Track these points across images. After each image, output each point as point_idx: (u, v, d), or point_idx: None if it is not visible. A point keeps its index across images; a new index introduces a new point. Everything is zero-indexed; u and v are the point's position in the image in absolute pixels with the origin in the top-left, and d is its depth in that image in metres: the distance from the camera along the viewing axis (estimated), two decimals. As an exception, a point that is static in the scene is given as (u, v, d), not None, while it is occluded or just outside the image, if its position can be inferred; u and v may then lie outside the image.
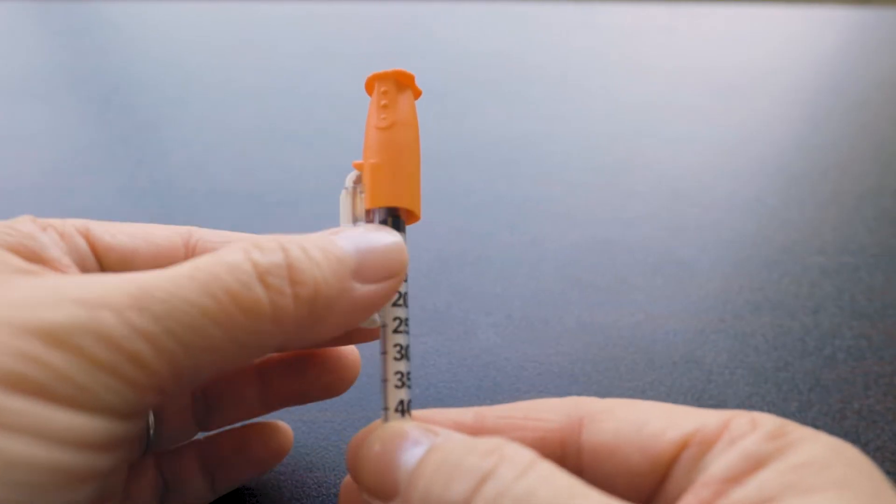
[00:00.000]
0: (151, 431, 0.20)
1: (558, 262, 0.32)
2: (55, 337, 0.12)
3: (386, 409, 0.17)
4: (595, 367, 0.27)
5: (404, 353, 0.17)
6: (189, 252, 0.18)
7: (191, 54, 0.54)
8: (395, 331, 0.17)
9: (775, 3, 0.61)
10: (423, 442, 0.15)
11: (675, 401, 0.26)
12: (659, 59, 0.52)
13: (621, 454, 0.15)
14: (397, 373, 0.17)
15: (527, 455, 0.14)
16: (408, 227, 0.18)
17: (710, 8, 0.61)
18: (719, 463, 0.13)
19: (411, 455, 0.15)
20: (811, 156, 0.41)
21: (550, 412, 0.17)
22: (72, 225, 0.17)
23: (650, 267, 0.32)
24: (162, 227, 0.19)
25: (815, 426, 0.24)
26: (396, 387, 0.17)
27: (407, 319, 0.18)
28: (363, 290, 0.15)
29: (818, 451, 0.13)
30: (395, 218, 0.18)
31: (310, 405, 0.25)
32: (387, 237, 0.16)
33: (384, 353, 0.17)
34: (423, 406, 0.25)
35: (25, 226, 0.16)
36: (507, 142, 0.42)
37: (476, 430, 0.17)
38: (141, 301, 0.13)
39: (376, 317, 0.17)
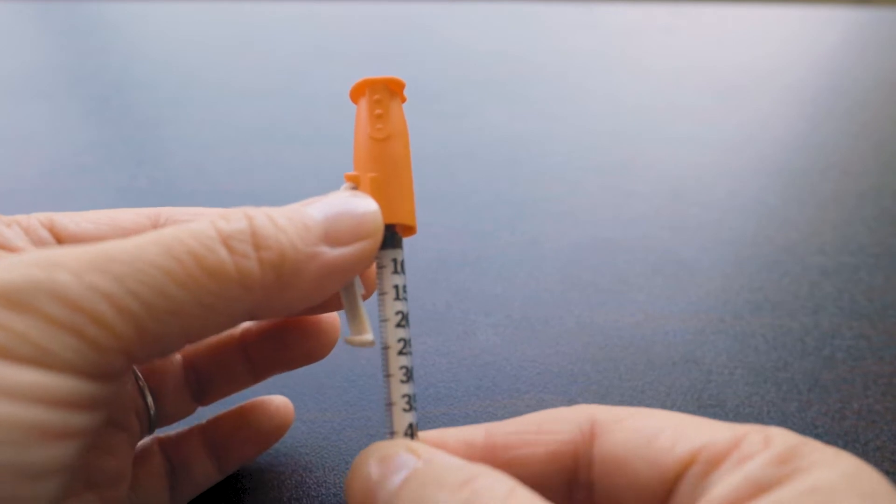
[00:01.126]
0: (152, 411, 0.20)
1: (558, 262, 0.32)
2: (10, 298, 0.12)
3: (393, 433, 0.17)
4: (595, 367, 0.27)
5: (410, 375, 0.17)
6: None
7: (191, 54, 0.54)
8: (401, 352, 0.17)
9: (775, 3, 0.61)
10: (405, 465, 0.15)
11: (674, 401, 0.26)
12: (659, 59, 0.52)
13: (630, 467, 0.15)
14: (404, 395, 0.17)
15: (502, 489, 0.13)
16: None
17: (711, 8, 0.61)
18: (723, 484, 0.13)
19: (392, 480, 0.15)
20: (811, 155, 0.41)
21: (562, 424, 0.16)
22: (36, 219, 0.17)
23: (650, 267, 0.32)
24: (128, 211, 0.19)
25: (815, 426, 0.24)
26: (404, 410, 0.17)
27: (410, 340, 0.17)
28: (333, 253, 0.15)
29: (828, 479, 0.12)
30: (393, 233, 0.18)
31: (309, 405, 0.25)
32: (356, 201, 0.16)
33: (389, 375, 0.17)
34: (423, 406, 0.25)
35: None
36: (507, 142, 0.42)
37: (487, 448, 0.17)
38: (101, 263, 0.13)
39: (371, 336, 0.17)
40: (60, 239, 0.17)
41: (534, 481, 0.16)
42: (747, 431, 0.14)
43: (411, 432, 0.17)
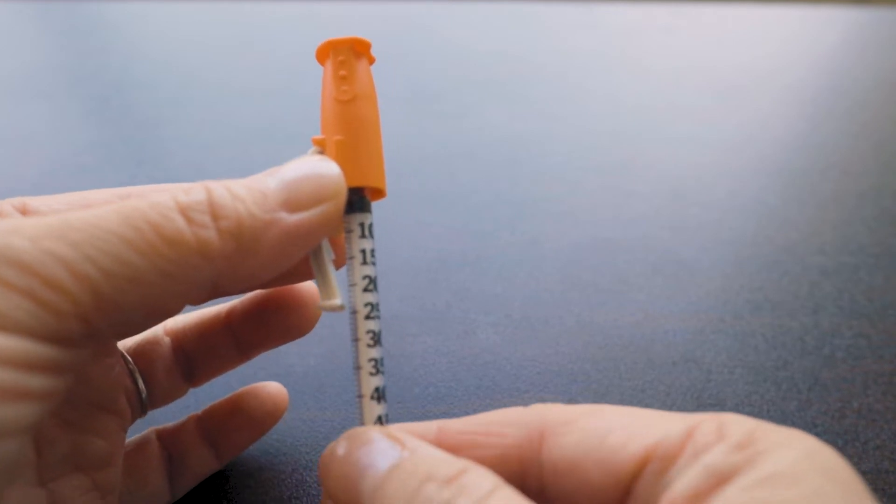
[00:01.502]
0: (143, 394, 0.20)
1: (558, 262, 0.32)
2: None
3: (360, 396, 0.17)
4: (595, 366, 0.27)
5: (377, 340, 0.17)
6: None
7: (191, 54, 0.54)
8: (367, 317, 0.17)
9: (775, 3, 0.61)
10: (389, 454, 0.15)
11: (674, 400, 0.26)
12: (659, 59, 0.52)
13: (582, 470, 0.15)
14: (371, 360, 0.17)
15: (486, 485, 0.13)
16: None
17: (711, 8, 0.61)
18: (683, 479, 0.13)
19: (376, 468, 0.15)
20: (811, 155, 0.41)
21: (510, 427, 0.16)
22: (9, 203, 0.17)
23: (650, 266, 0.32)
24: (101, 192, 0.19)
25: (815, 425, 0.24)
26: (371, 374, 0.17)
27: (377, 304, 0.17)
28: (293, 218, 0.15)
29: (789, 460, 0.12)
30: (361, 197, 0.17)
31: (309, 404, 0.25)
32: (315, 164, 0.16)
33: (356, 339, 0.17)
34: (423, 405, 0.25)
35: None
36: (508, 142, 0.42)
37: (438, 447, 0.16)
38: (58, 230, 0.13)
39: (340, 300, 0.17)
40: None
41: None
42: (700, 421, 0.14)
43: (377, 396, 0.17)
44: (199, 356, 0.21)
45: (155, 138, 0.42)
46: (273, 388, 0.23)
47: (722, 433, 0.13)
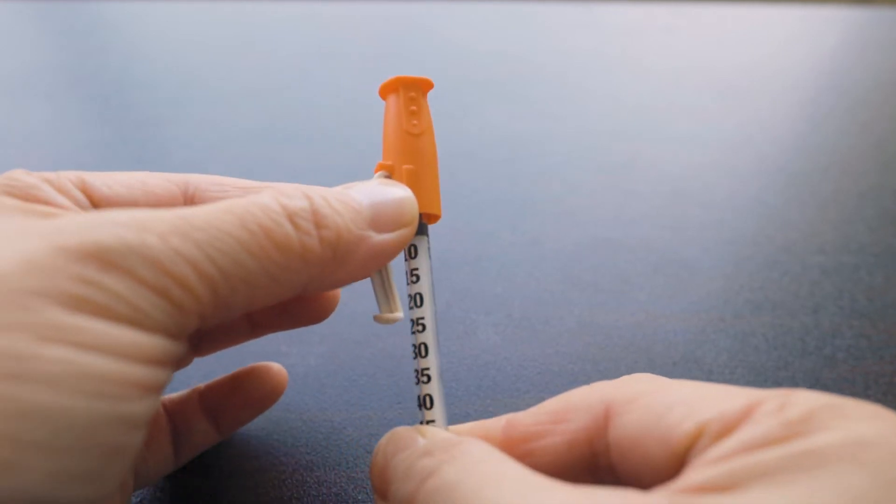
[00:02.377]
0: None
1: (559, 262, 0.32)
2: (104, 258, 0.13)
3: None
4: (595, 367, 0.27)
5: (421, 352, 0.19)
6: (188, 201, 0.19)
7: (191, 54, 0.54)
8: (413, 331, 0.19)
9: (775, 3, 0.61)
10: (410, 445, 0.16)
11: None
12: (659, 58, 0.52)
13: (643, 447, 0.15)
14: (416, 370, 0.19)
15: (477, 452, 0.14)
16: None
17: (711, 8, 0.61)
18: (718, 447, 0.13)
19: (399, 457, 0.16)
20: (811, 155, 0.41)
21: (576, 412, 0.17)
22: (66, 178, 0.17)
23: (651, 266, 0.32)
24: (156, 175, 0.19)
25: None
26: (414, 383, 0.19)
27: (421, 319, 0.19)
28: (379, 238, 0.17)
29: (828, 442, 0.12)
30: (421, 222, 0.19)
31: (310, 404, 0.25)
32: (397, 191, 0.18)
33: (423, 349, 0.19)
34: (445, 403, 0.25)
35: (25, 177, 0.16)
36: (508, 141, 0.42)
37: (506, 440, 0.17)
38: (182, 228, 0.14)
39: (401, 314, 0.19)
40: (94, 201, 0.17)
41: (556, 470, 0.16)
42: (764, 398, 0.13)
43: (426, 403, 0.18)
44: (208, 328, 0.22)
45: (155, 138, 0.42)
46: (273, 370, 0.23)
47: (782, 410, 0.13)
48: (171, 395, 0.22)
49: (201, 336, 0.22)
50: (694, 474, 0.12)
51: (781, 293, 0.30)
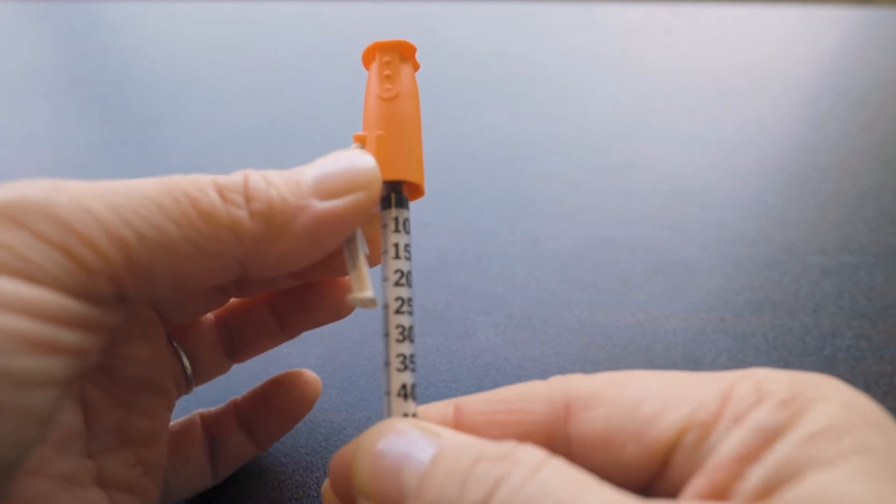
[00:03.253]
0: (189, 372, 0.21)
1: (559, 262, 0.32)
2: (4, 214, 0.13)
3: (388, 393, 0.16)
4: (595, 367, 0.27)
5: (406, 335, 0.17)
6: None
7: (191, 54, 0.54)
8: (398, 311, 0.17)
9: (775, 3, 0.61)
10: (427, 444, 0.14)
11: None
12: (659, 58, 0.52)
13: (614, 444, 0.14)
14: (399, 355, 0.16)
15: (538, 456, 0.13)
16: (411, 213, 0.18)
17: (711, 8, 0.61)
18: (729, 442, 0.13)
19: (417, 460, 0.14)
20: (811, 155, 0.41)
21: (533, 402, 0.16)
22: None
23: (651, 266, 0.32)
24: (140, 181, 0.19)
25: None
26: (398, 370, 0.16)
27: (410, 300, 0.17)
28: (323, 205, 0.16)
29: (832, 413, 0.12)
30: (398, 193, 0.17)
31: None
32: (352, 155, 0.17)
33: (386, 335, 0.17)
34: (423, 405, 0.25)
35: None
36: (508, 141, 0.42)
37: (457, 428, 0.16)
38: (99, 192, 0.14)
39: (371, 293, 0.17)
40: None
41: None
42: (733, 382, 0.14)
43: (405, 393, 0.16)
44: (241, 332, 0.22)
45: (155, 138, 0.42)
46: (304, 376, 0.23)
47: (761, 392, 0.13)
48: (209, 409, 0.22)
49: (233, 340, 0.22)
50: (740, 479, 0.12)
51: (781, 293, 0.30)
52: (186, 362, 0.21)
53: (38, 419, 0.13)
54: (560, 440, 0.15)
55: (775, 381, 0.13)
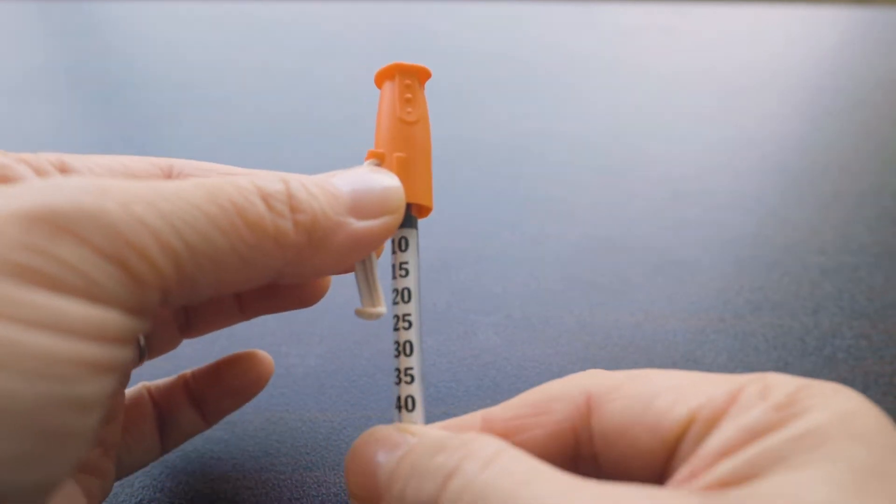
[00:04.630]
0: (142, 342, 0.21)
1: (559, 262, 0.32)
2: (59, 224, 0.12)
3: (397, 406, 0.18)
4: (595, 367, 0.27)
5: (404, 350, 0.18)
6: None
7: (191, 54, 0.54)
8: (395, 328, 0.18)
9: (775, 3, 0.61)
10: (401, 444, 0.15)
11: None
12: (659, 59, 0.52)
13: (630, 435, 0.15)
14: (396, 369, 0.18)
15: (492, 447, 0.14)
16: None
17: (711, 8, 0.61)
18: (718, 436, 0.13)
19: (388, 459, 0.15)
20: (811, 155, 0.41)
21: (557, 402, 0.16)
22: (45, 159, 0.17)
23: (651, 266, 0.32)
24: (140, 159, 0.19)
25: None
26: (395, 383, 0.18)
27: (407, 315, 0.18)
28: (359, 225, 0.16)
29: (822, 421, 0.12)
30: (409, 214, 0.18)
31: (309, 405, 0.25)
32: (382, 178, 0.17)
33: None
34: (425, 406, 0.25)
35: (0, 158, 0.16)
36: (508, 141, 0.42)
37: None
38: (146, 197, 0.13)
39: (384, 309, 0.18)
40: None
41: None
42: (745, 383, 0.14)
43: (401, 405, 0.17)
44: (197, 309, 0.22)
45: (155, 138, 0.42)
46: (258, 357, 0.22)
47: (765, 394, 0.13)
48: (157, 381, 0.22)
49: (188, 316, 0.22)
50: (710, 469, 0.12)
51: (781, 293, 0.30)
52: (141, 336, 0.20)
53: (93, 438, 0.13)
54: (584, 435, 0.16)
55: (783, 386, 0.13)
